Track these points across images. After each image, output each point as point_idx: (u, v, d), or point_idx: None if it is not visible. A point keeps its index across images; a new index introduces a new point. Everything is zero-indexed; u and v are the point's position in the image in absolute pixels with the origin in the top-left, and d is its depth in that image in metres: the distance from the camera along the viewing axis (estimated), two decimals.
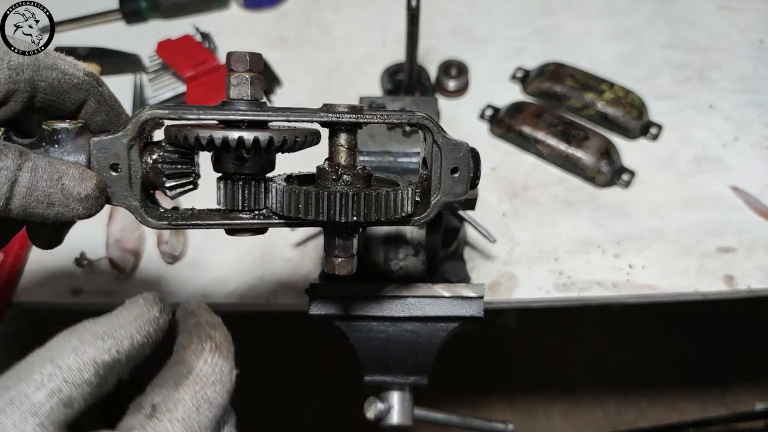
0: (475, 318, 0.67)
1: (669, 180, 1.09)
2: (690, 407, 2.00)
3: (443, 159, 0.51)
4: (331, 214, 0.46)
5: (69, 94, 0.47)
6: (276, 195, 0.48)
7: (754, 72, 1.22)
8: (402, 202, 0.49)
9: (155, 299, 0.43)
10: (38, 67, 0.44)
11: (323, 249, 0.51)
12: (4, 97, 0.42)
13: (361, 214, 0.46)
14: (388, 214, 0.48)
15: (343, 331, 0.68)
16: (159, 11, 1.30)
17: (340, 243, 0.49)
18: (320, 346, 2.04)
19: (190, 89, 1.17)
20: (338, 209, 0.46)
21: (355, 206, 0.46)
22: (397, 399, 0.70)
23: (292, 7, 1.35)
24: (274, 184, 0.48)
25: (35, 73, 0.44)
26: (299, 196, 0.46)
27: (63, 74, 0.46)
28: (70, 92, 0.47)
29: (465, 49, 1.26)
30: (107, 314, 0.40)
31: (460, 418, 0.76)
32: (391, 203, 0.48)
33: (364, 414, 0.70)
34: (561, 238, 1.03)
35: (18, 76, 0.43)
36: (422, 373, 0.68)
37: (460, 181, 0.51)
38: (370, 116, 0.49)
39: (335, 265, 0.49)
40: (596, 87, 1.14)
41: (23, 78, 0.43)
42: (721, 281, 0.98)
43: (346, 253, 0.50)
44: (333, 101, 0.51)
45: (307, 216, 0.46)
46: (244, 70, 0.47)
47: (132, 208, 0.46)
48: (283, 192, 0.47)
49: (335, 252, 0.50)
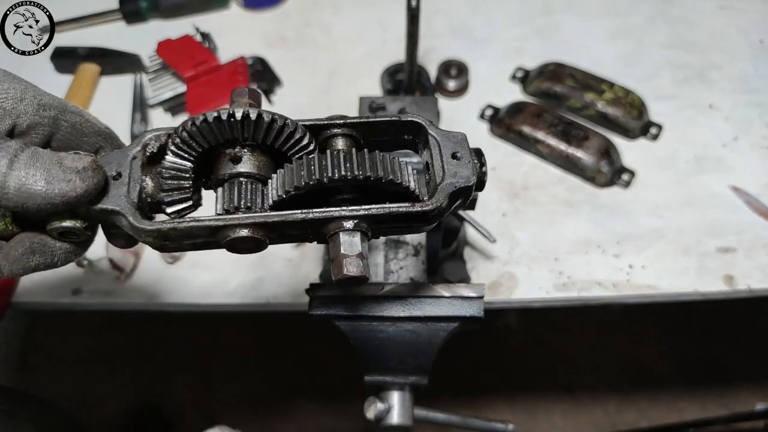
0: (475, 318, 0.67)
1: (669, 180, 1.09)
2: (690, 407, 1.99)
3: (442, 148, 0.50)
4: (330, 171, 0.45)
5: (88, 138, 0.51)
6: (277, 177, 0.48)
7: (754, 72, 1.22)
8: (399, 168, 0.48)
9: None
10: (64, 109, 0.49)
11: (329, 255, 0.48)
12: (27, 127, 0.46)
13: (355, 169, 0.45)
14: (387, 173, 0.46)
15: (343, 331, 0.67)
16: (159, 11, 1.30)
17: (346, 239, 0.46)
18: (320, 346, 2.04)
19: (190, 89, 1.17)
20: (335, 165, 0.45)
21: (352, 163, 0.45)
22: (397, 399, 0.70)
23: (292, 7, 1.35)
24: (274, 174, 0.48)
25: (60, 113, 0.49)
26: (300, 165, 0.46)
27: (86, 120, 0.51)
28: (89, 136, 0.51)
29: (465, 49, 1.26)
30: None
31: (460, 418, 0.76)
32: (387, 163, 0.47)
33: (364, 414, 0.70)
34: (561, 238, 1.03)
35: (44, 112, 0.47)
36: (422, 373, 0.68)
37: (463, 165, 0.49)
38: (353, 119, 0.50)
39: (343, 264, 0.46)
40: (596, 87, 1.14)
41: (48, 115, 0.48)
42: (721, 281, 0.98)
43: (353, 251, 0.46)
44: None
45: (311, 179, 0.45)
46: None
47: (125, 209, 0.46)
48: (284, 170, 0.47)
49: (342, 250, 0.46)
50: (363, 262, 0.46)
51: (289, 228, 0.47)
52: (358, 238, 0.47)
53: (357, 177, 0.45)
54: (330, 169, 0.45)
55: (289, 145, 0.49)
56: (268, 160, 0.49)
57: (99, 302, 1.00)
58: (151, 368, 2.10)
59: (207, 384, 2.07)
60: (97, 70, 1.22)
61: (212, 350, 2.12)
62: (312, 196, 0.47)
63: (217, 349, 2.12)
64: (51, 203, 0.43)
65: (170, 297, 0.99)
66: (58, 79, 1.23)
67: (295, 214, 0.46)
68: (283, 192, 0.46)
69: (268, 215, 0.46)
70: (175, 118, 1.18)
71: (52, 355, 2.13)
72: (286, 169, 0.47)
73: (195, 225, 0.46)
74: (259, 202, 0.48)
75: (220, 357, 2.11)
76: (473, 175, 0.49)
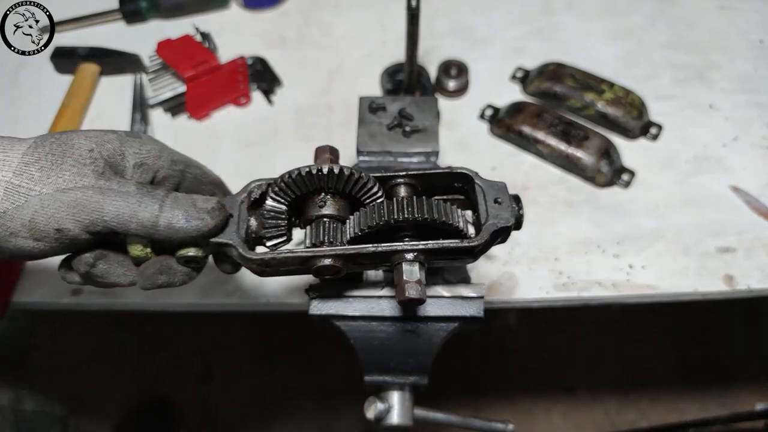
0: (475, 318, 0.67)
1: (669, 180, 1.09)
2: (690, 407, 2.00)
3: (486, 194, 0.60)
4: (396, 214, 0.56)
5: (205, 186, 0.65)
6: (354, 218, 0.59)
7: (754, 72, 1.22)
8: (451, 212, 0.58)
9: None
10: (189, 164, 0.62)
11: (394, 281, 0.58)
12: (163, 178, 0.59)
13: (415, 212, 0.56)
14: (441, 216, 0.56)
15: (343, 330, 0.67)
16: (159, 11, 1.30)
17: (407, 268, 0.56)
18: (320, 346, 2.04)
19: (190, 89, 1.17)
20: (399, 209, 0.56)
21: (413, 207, 0.56)
22: (397, 399, 0.70)
23: (292, 7, 1.35)
24: (351, 216, 0.60)
25: (186, 167, 0.62)
26: (373, 209, 0.58)
27: (204, 172, 0.64)
28: (206, 185, 0.65)
29: (465, 49, 1.26)
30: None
31: (460, 418, 0.76)
32: (442, 208, 0.57)
33: (364, 414, 0.70)
34: (561, 238, 1.03)
35: (175, 166, 0.60)
36: (422, 373, 0.68)
37: (504, 208, 0.59)
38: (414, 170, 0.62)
39: (405, 288, 0.55)
40: (596, 87, 1.14)
41: (178, 168, 0.61)
42: (721, 281, 0.98)
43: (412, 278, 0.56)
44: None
45: (381, 220, 0.57)
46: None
47: (236, 242, 0.58)
48: (359, 212, 0.59)
49: (404, 277, 0.56)
50: (421, 287, 0.56)
51: (362, 258, 0.58)
52: (417, 267, 0.57)
53: (417, 219, 0.56)
54: (396, 212, 0.57)
55: (363, 192, 0.60)
56: (346, 204, 0.61)
57: (99, 302, 1.00)
58: (151, 368, 2.10)
59: (207, 383, 2.07)
60: (97, 70, 1.22)
61: (212, 350, 2.12)
62: (380, 233, 0.58)
63: (218, 348, 2.12)
64: (188, 236, 0.55)
65: (170, 297, 0.99)
66: (58, 79, 1.23)
67: (367, 247, 0.57)
68: (358, 230, 0.58)
69: (346, 248, 0.57)
70: (175, 119, 1.19)
71: (53, 354, 2.13)
72: (361, 212, 0.59)
73: (290, 255, 0.57)
74: (339, 238, 0.59)
75: (221, 356, 2.11)
76: (512, 216, 0.59)
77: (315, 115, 1.18)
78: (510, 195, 0.60)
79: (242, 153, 1.13)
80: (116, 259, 0.58)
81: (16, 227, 0.51)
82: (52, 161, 0.52)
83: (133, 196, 0.53)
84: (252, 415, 2.02)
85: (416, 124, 0.81)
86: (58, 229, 0.52)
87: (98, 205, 0.52)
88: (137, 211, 0.53)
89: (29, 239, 0.52)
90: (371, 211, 0.58)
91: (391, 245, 0.57)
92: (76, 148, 0.54)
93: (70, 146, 0.54)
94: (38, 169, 0.52)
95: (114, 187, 0.53)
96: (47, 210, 0.51)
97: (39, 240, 0.53)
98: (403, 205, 0.57)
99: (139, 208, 0.53)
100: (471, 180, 0.61)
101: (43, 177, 0.51)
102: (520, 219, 0.60)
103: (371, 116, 0.83)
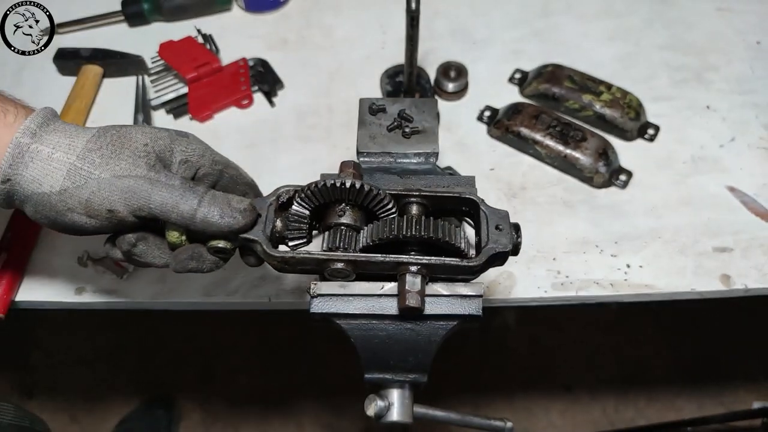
0: (474, 316, 0.67)
1: (666, 180, 1.10)
2: (687, 406, 2.01)
3: (488, 221, 0.66)
4: (404, 230, 0.62)
5: (240, 186, 0.71)
6: (367, 229, 0.65)
7: (751, 73, 1.23)
8: (455, 233, 0.63)
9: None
10: (227, 165, 0.69)
11: (397, 290, 0.64)
12: (203, 175, 0.66)
13: (422, 230, 0.62)
14: (445, 236, 0.62)
15: (343, 329, 0.68)
16: (161, 13, 1.31)
17: (410, 279, 0.62)
18: (321, 345, 2.05)
19: (192, 90, 1.18)
20: (408, 226, 0.63)
21: (420, 226, 0.63)
22: (397, 397, 0.70)
23: (293, 10, 1.36)
24: (365, 227, 0.66)
25: (225, 167, 0.69)
26: (385, 223, 0.64)
27: (240, 174, 0.71)
28: (241, 185, 0.71)
29: (464, 51, 1.27)
30: None
31: (459, 416, 0.77)
32: (447, 229, 0.63)
33: (365, 411, 0.71)
34: (559, 238, 1.04)
35: (215, 166, 0.67)
36: (422, 371, 0.69)
37: (503, 235, 0.65)
38: (427, 192, 0.69)
39: (406, 297, 0.61)
40: (594, 88, 1.15)
41: (217, 168, 0.68)
42: (718, 281, 0.99)
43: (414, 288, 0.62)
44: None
45: (391, 234, 0.63)
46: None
47: (261, 239, 0.64)
48: (373, 225, 0.65)
49: (406, 287, 0.62)
50: (420, 298, 0.62)
51: (371, 266, 0.64)
52: (419, 279, 0.62)
53: (422, 236, 0.62)
54: (405, 229, 0.63)
55: (379, 207, 0.66)
56: (362, 215, 0.67)
57: (102, 301, 1.00)
58: (153, 367, 2.11)
59: (208, 382, 2.08)
60: (100, 71, 1.23)
61: (214, 349, 2.13)
62: (390, 245, 0.64)
63: (219, 347, 2.13)
64: (220, 231, 0.61)
65: (172, 296, 1.00)
66: (61, 80, 1.24)
67: (376, 256, 0.63)
68: (370, 240, 0.64)
69: (358, 255, 0.63)
70: (177, 120, 1.19)
71: (54, 354, 2.14)
72: (374, 225, 0.65)
73: (308, 257, 0.64)
74: (353, 245, 0.65)
75: (222, 355, 2.12)
76: (510, 243, 0.64)
77: (316, 117, 1.19)
78: (511, 223, 0.65)
79: (244, 154, 1.14)
80: (155, 242, 0.65)
81: (74, 204, 0.58)
82: (111, 150, 0.59)
83: (177, 189, 0.60)
84: (253, 413, 2.03)
85: (416, 126, 0.82)
86: (110, 210, 0.59)
87: (147, 193, 0.59)
88: (179, 203, 0.59)
89: (83, 215, 0.59)
90: (383, 224, 0.64)
91: (398, 257, 0.63)
92: (133, 141, 0.61)
93: (129, 139, 0.61)
94: (99, 156, 0.59)
95: (162, 180, 0.60)
96: (103, 192, 0.58)
97: (92, 217, 0.59)
98: (412, 223, 0.63)
99: (180, 200, 0.59)
100: (477, 206, 0.67)
101: (102, 163, 0.58)
102: (518, 246, 0.65)
103: (371, 117, 0.84)
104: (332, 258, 0.63)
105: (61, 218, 0.60)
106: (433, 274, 0.65)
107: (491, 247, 0.63)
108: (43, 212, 0.60)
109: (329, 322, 0.69)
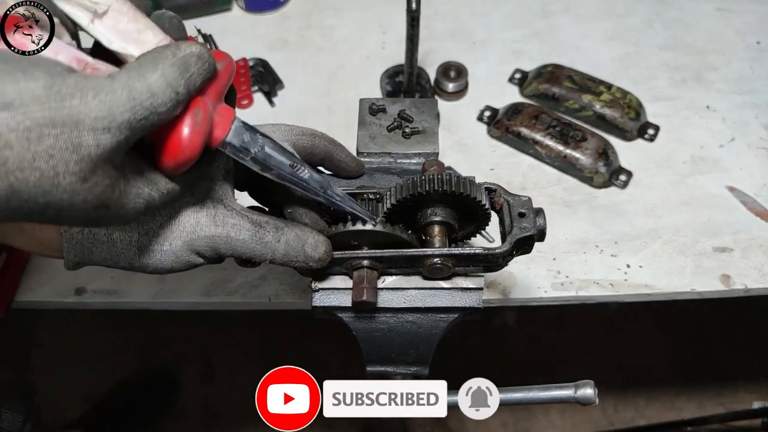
0: (474, 309, 0.67)
1: (666, 180, 1.10)
2: (687, 405, 2.01)
3: (511, 209, 0.64)
4: (428, 185, 0.60)
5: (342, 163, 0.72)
6: (389, 191, 0.63)
7: (750, 73, 1.23)
8: (476, 190, 0.61)
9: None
10: (314, 135, 0.72)
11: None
12: (309, 144, 0.71)
13: (444, 185, 0.60)
14: (465, 191, 0.60)
15: (345, 322, 0.68)
16: None
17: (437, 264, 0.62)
18: (321, 345, 2.05)
19: None
20: (430, 182, 0.60)
21: (442, 181, 0.60)
22: None
23: (293, 10, 1.36)
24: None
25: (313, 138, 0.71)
26: (407, 182, 0.62)
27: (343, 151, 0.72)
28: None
29: (464, 51, 1.27)
30: None
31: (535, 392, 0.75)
32: (468, 185, 0.60)
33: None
34: (559, 238, 1.04)
35: (315, 140, 0.72)
36: (423, 364, 0.69)
37: (527, 220, 0.63)
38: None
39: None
40: (594, 88, 1.16)
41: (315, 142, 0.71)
42: (717, 281, 0.99)
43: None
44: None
45: (415, 189, 0.60)
46: None
47: None
48: (395, 185, 0.63)
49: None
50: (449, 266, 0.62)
51: (396, 262, 0.64)
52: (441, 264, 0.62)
53: (445, 190, 0.60)
54: (427, 185, 0.60)
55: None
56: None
57: (102, 301, 1.00)
58: (153, 366, 2.11)
59: (208, 382, 2.08)
60: None
61: (214, 348, 2.13)
62: (414, 207, 0.63)
63: (219, 347, 2.13)
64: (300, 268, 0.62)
65: (172, 296, 1.00)
66: None
67: (401, 252, 0.62)
68: (395, 200, 0.62)
69: (383, 252, 0.63)
70: None
71: (54, 353, 2.14)
72: (396, 186, 0.64)
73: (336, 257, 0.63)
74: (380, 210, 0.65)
75: (222, 355, 2.12)
76: (534, 228, 0.63)
77: (316, 117, 1.19)
78: (534, 208, 0.64)
79: None
80: None
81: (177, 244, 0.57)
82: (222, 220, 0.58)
83: (248, 244, 0.58)
84: (253, 413, 2.03)
85: (416, 126, 0.82)
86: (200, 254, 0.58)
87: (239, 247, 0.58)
88: (255, 252, 0.58)
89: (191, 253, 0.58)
90: (404, 185, 0.63)
91: (423, 250, 0.62)
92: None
93: None
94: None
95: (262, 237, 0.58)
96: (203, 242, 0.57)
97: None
98: (434, 180, 0.61)
99: (254, 252, 0.58)
100: (500, 194, 0.66)
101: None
102: (543, 230, 0.63)
103: (371, 118, 0.84)
104: (357, 256, 0.63)
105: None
106: (460, 265, 0.64)
107: (516, 233, 0.62)
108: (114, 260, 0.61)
109: (331, 315, 0.69)
